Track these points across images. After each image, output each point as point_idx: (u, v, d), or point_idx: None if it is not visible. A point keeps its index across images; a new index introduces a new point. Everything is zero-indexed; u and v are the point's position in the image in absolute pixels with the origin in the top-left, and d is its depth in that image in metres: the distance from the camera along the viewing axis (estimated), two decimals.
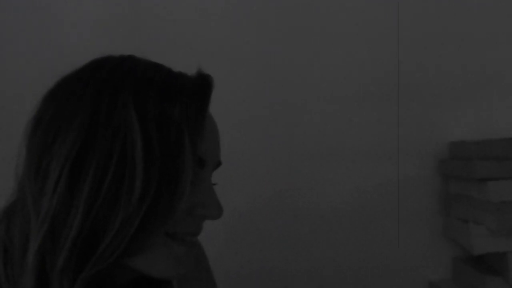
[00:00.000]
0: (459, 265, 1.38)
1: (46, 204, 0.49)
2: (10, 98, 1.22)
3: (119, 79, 0.52)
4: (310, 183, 1.35)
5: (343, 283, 1.38)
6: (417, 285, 1.41)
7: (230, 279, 1.30)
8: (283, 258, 1.36)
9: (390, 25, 1.38)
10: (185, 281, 0.67)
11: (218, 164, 0.59)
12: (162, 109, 0.51)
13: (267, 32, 1.34)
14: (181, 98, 0.52)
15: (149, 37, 1.30)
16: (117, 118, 0.50)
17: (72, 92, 0.52)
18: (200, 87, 0.54)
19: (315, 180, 1.36)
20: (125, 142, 0.49)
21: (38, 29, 1.29)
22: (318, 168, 1.35)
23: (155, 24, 1.31)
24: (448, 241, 1.40)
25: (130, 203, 0.49)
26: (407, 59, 1.38)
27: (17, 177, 0.54)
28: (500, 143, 1.28)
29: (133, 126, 0.50)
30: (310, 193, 1.36)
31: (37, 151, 0.51)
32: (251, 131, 1.33)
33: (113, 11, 1.31)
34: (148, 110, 0.50)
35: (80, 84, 0.52)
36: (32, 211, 0.50)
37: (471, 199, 1.27)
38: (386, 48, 1.38)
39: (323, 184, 1.36)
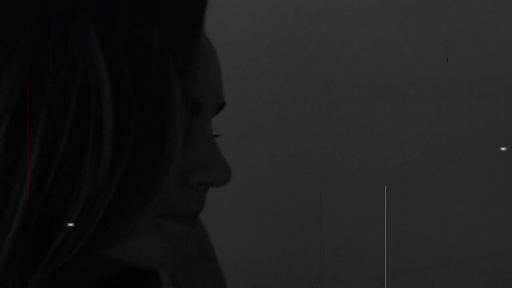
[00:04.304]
0: None
1: None
2: None
3: None
4: (350, 138, 1.20)
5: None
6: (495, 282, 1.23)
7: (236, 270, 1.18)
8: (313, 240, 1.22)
9: None
10: (182, 269, 0.61)
11: (221, 106, 0.51)
12: (136, 35, 0.42)
13: None
14: (162, 18, 0.44)
15: None
16: (72, 51, 0.41)
17: (6, 22, 0.43)
18: (188, 1, 0.45)
19: (359, 132, 1.19)
20: (86, 83, 0.41)
21: None
22: (362, 113, 1.19)
23: None
24: None
25: (98, 171, 0.41)
26: None
27: None
28: None
29: (97, 61, 0.41)
30: (351, 151, 1.20)
31: None
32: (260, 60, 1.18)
33: None
34: (116, 38, 0.42)
35: (17, 10, 0.43)
36: None
37: None
38: None
39: (370, 138, 1.19)
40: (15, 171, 0.41)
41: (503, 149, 1.15)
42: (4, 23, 0.43)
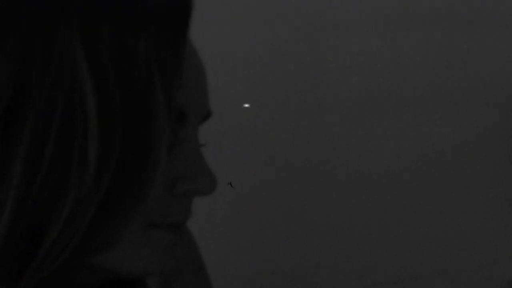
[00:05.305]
0: None
1: None
2: None
3: (59, 7, 0.43)
4: (347, 145, 1.19)
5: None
6: (494, 285, 1.24)
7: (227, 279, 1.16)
8: (307, 251, 1.22)
9: None
10: (171, 277, 0.61)
11: (207, 115, 0.51)
12: (121, 44, 0.43)
13: None
14: (148, 26, 0.44)
15: None
16: (58, 62, 0.42)
17: None
18: (174, 9, 0.45)
19: (352, 141, 1.20)
20: (71, 95, 0.41)
21: None
22: (355, 123, 1.19)
23: None
24: None
25: (82, 182, 0.41)
26: None
27: None
28: None
29: (82, 71, 0.42)
30: (345, 160, 1.20)
31: None
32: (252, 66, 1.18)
33: None
34: (102, 47, 0.42)
35: (2, 20, 0.43)
36: None
37: None
38: None
39: (363, 147, 1.19)
40: (0, 180, 0.41)
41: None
42: None
